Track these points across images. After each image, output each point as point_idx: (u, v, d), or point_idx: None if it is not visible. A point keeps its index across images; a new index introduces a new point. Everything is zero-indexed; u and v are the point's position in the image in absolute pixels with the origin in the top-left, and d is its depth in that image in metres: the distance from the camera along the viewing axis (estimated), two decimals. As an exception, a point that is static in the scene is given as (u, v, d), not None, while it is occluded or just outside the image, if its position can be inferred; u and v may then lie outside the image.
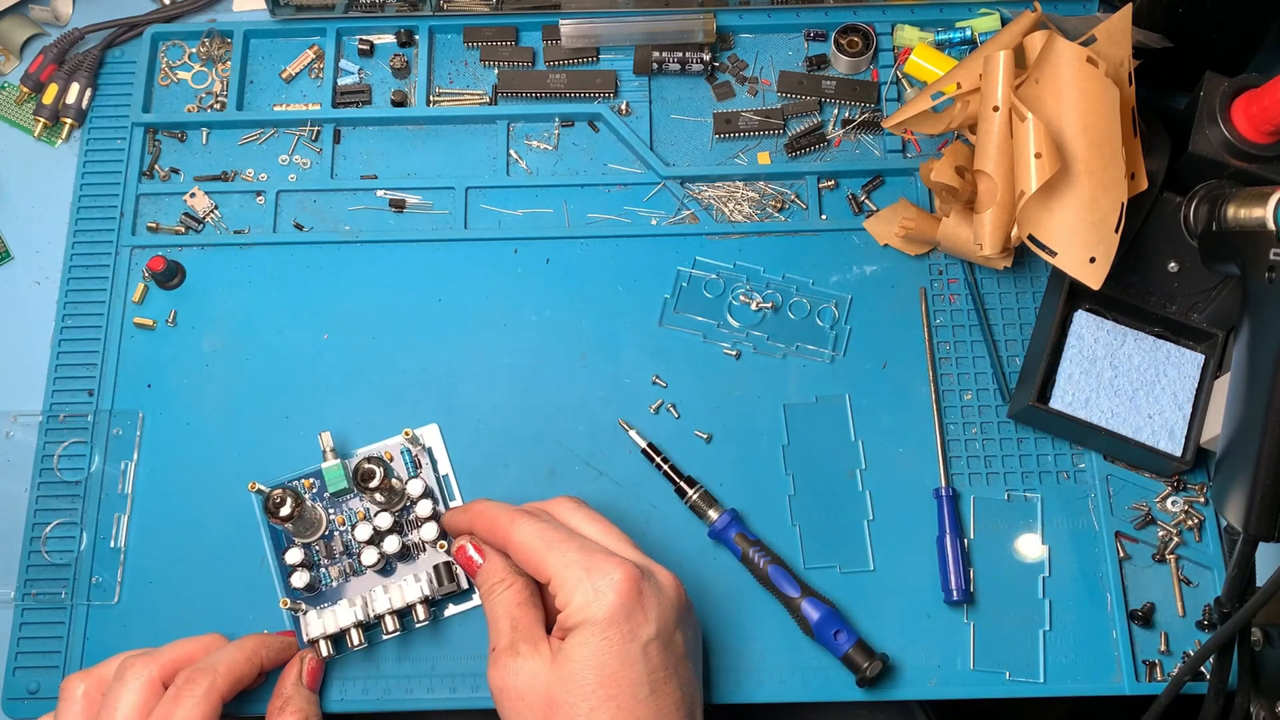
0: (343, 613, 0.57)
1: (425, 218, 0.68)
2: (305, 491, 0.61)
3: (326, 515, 0.61)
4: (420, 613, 0.58)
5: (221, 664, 0.53)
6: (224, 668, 0.53)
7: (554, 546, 0.52)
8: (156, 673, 0.53)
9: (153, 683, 0.53)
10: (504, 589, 0.54)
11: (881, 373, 0.64)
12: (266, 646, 0.56)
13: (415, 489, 0.60)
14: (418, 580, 0.58)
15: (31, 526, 0.62)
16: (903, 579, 0.61)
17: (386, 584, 0.59)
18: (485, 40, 0.72)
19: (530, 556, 0.52)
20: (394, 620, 0.58)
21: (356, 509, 0.61)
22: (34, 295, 0.67)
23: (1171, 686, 0.56)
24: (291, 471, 0.62)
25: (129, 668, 0.53)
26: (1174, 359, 0.62)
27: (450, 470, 0.62)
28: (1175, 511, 0.62)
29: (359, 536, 0.59)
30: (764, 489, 0.62)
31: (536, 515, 0.54)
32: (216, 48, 0.72)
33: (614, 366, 0.65)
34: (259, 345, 0.65)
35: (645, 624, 0.50)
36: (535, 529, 0.53)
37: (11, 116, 0.71)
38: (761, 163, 0.69)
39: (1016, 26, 0.61)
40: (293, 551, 0.59)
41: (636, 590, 0.50)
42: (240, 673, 0.54)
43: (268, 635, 0.57)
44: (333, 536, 0.60)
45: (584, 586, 0.50)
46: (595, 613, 0.50)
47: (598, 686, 0.49)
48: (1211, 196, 0.59)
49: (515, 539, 0.53)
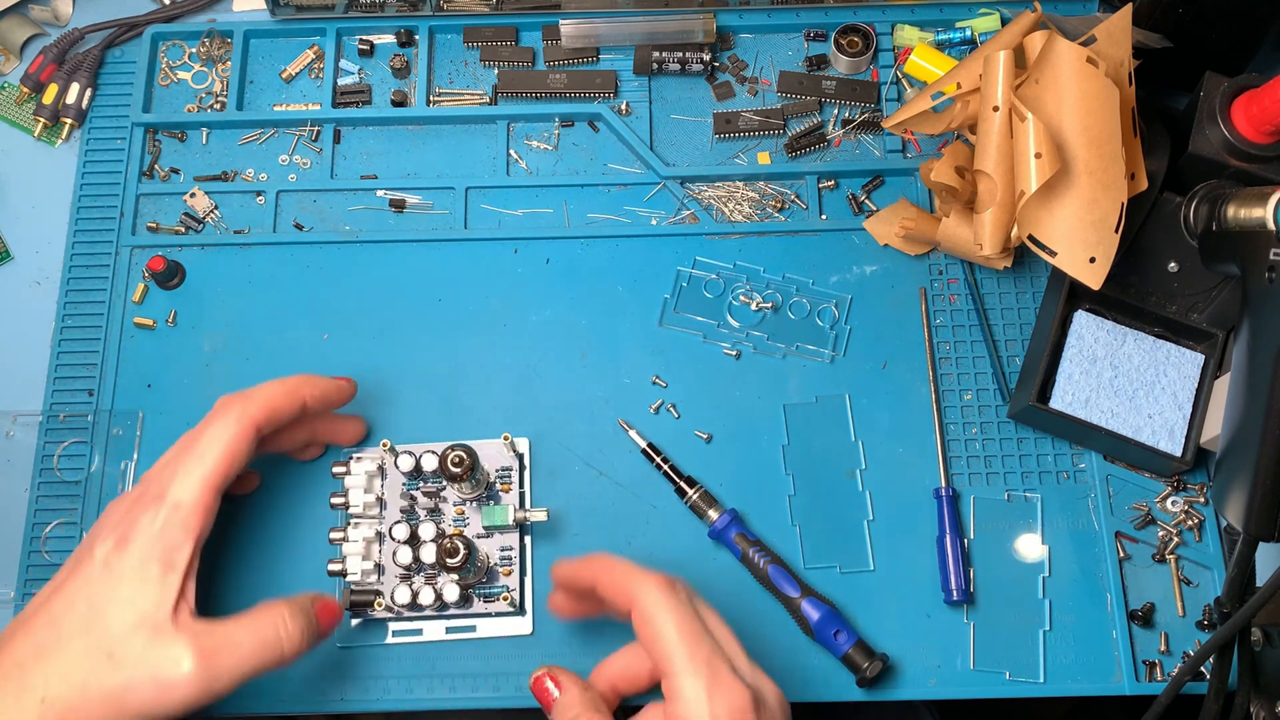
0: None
1: (425, 218, 0.68)
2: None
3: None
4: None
5: (259, 393, 0.54)
6: (261, 397, 0.54)
7: (683, 641, 0.47)
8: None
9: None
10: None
11: (881, 373, 0.64)
12: (310, 383, 0.57)
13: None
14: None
15: (31, 526, 0.62)
16: (903, 579, 0.61)
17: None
18: (485, 40, 0.72)
19: (654, 637, 0.48)
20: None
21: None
22: (34, 295, 0.67)
23: (1171, 686, 0.56)
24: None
25: (222, 407, 0.54)
26: (1174, 359, 0.62)
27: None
28: (1175, 511, 0.62)
29: (423, 535, 0.58)
30: (764, 489, 0.62)
31: (671, 586, 0.49)
32: (216, 48, 0.72)
33: (614, 366, 0.65)
34: (259, 345, 0.65)
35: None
36: (669, 606, 0.48)
37: (11, 116, 0.71)
38: (761, 163, 0.69)
39: (1016, 26, 0.61)
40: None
41: (753, 718, 0.47)
42: (277, 404, 0.55)
43: (314, 376, 0.57)
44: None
45: (702, 710, 0.46)
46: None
47: None
48: (1211, 196, 0.59)
49: (645, 607, 0.48)
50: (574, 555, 0.61)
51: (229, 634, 0.51)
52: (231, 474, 0.53)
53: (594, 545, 0.61)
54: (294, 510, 0.62)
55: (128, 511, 0.51)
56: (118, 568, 0.50)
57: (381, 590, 0.59)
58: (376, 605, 0.58)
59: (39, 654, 0.48)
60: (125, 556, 0.50)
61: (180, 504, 0.51)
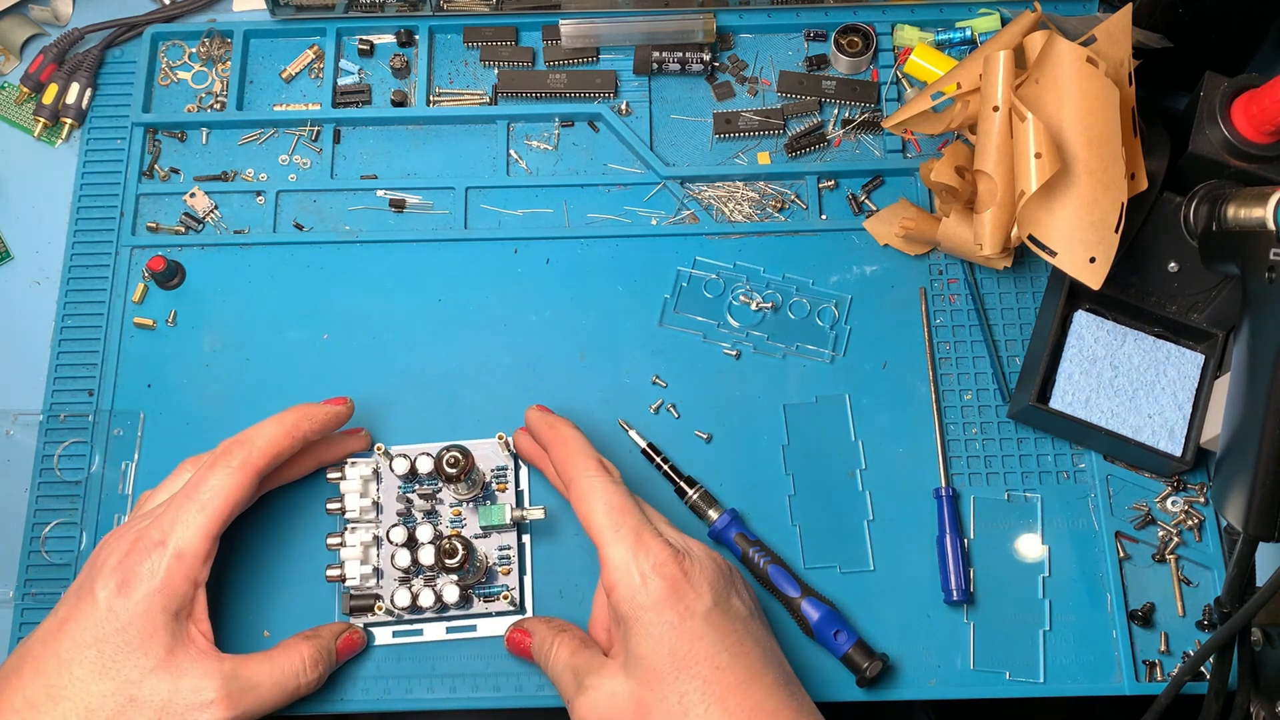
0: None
1: (425, 218, 0.68)
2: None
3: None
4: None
5: (260, 438, 0.55)
6: (262, 441, 0.55)
7: (611, 515, 0.52)
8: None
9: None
10: (554, 649, 0.54)
11: (881, 373, 0.64)
12: (309, 419, 0.57)
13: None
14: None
15: (31, 526, 0.62)
16: (903, 579, 0.61)
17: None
18: (485, 40, 0.72)
19: (587, 514, 0.53)
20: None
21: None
22: (34, 295, 0.67)
23: (1171, 686, 0.56)
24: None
25: (220, 453, 0.55)
26: (1174, 359, 0.62)
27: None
28: (1175, 511, 0.62)
29: (422, 537, 0.58)
30: (764, 489, 0.62)
31: (604, 468, 0.55)
32: (216, 48, 0.72)
33: (614, 366, 0.65)
34: (259, 345, 0.65)
35: (697, 597, 0.50)
36: (601, 485, 0.53)
37: (11, 116, 0.71)
38: (761, 163, 0.69)
39: (1016, 26, 0.61)
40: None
41: (679, 568, 0.51)
42: (279, 447, 0.55)
43: (311, 406, 0.57)
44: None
45: (630, 570, 0.50)
46: (645, 599, 0.50)
47: (676, 671, 0.49)
48: (1211, 196, 0.59)
49: (580, 487, 0.54)
50: (571, 554, 0.61)
51: (252, 675, 0.53)
52: (231, 519, 0.54)
53: (593, 547, 0.61)
54: (291, 516, 0.61)
55: (128, 554, 0.52)
56: (124, 614, 0.50)
57: (381, 594, 0.59)
58: (377, 609, 0.58)
59: (52, 696, 0.49)
60: (129, 603, 0.51)
61: (183, 554, 0.52)
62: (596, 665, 0.52)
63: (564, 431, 0.57)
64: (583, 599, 0.60)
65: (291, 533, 0.61)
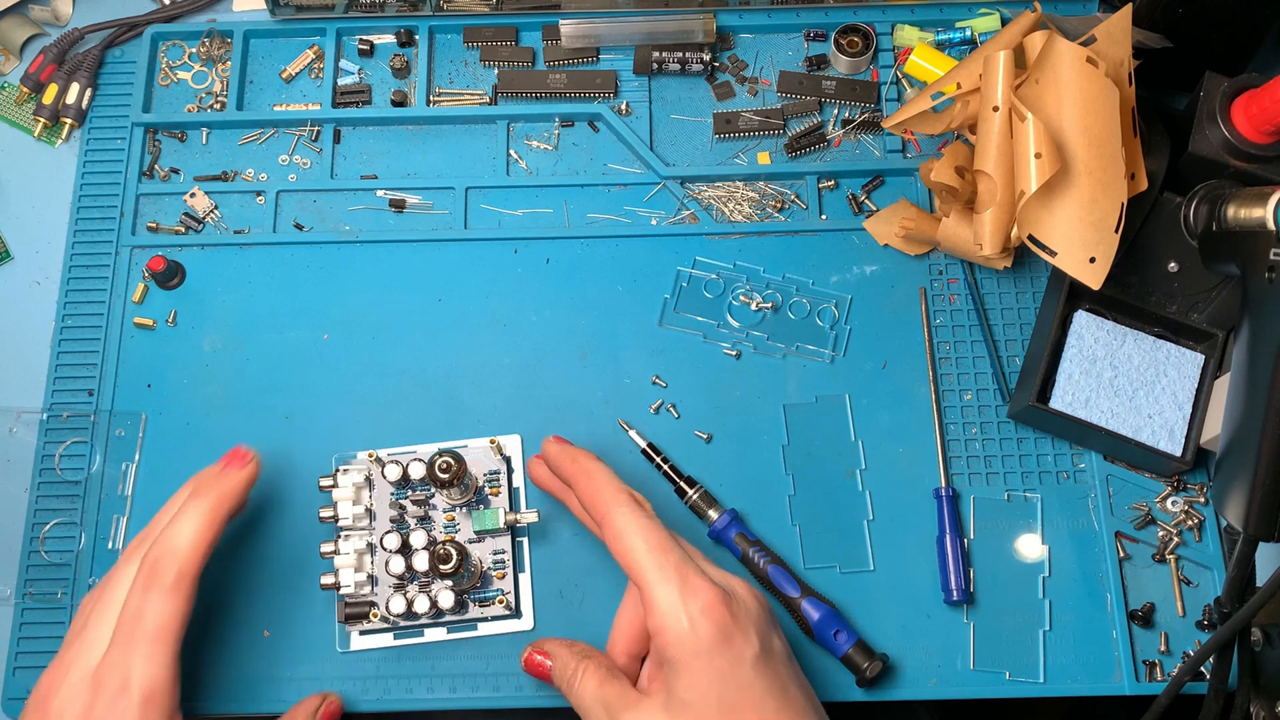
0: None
1: (425, 218, 0.68)
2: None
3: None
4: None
5: (182, 542, 0.51)
6: (187, 546, 0.51)
7: (652, 554, 0.50)
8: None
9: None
10: (580, 678, 0.52)
11: (881, 373, 0.64)
12: (226, 498, 0.53)
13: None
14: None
15: (31, 526, 0.62)
16: (903, 579, 0.61)
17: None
18: (485, 40, 0.72)
19: (625, 553, 0.50)
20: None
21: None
22: (34, 295, 0.67)
23: (1171, 686, 0.56)
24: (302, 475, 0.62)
25: (126, 558, 0.52)
26: (1174, 359, 0.62)
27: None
28: (1175, 511, 0.62)
29: (415, 543, 0.58)
30: (764, 489, 0.62)
31: (638, 503, 0.52)
32: (216, 48, 0.72)
33: (614, 366, 0.65)
34: (259, 345, 0.65)
35: (746, 643, 0.48)
36: (636, 522, 0.51)
37: (11, 116, 0.71)
38: (761, 163, 0.69)
39: (1016, 26, 0.61)
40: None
41: (728, 611, 0.48)
42: (207, 542, 0.52)
43: (221, 480, 0.54)
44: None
45: (679, 613, 0.48)
46: (696, 644, 0.48)
47: (723, 719, 0.47)
48: (1211, 196, 0.59)
49: (615, 525, 0.51)
50: (570, 555, 0.61)
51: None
52: (184, 631, 0.51)
53: (592, 546, 0.61)
54: (284, 526, 0.61)
55: (90, 708, 0.49)
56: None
57: (376, 601, 0.58)
58: (372, 616, 0.58)
59: None
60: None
61: (153, 694, 0.49)
62: (631, 701, 0.50)
63: (588, 465, 0.54)
64: (583, 599, 0.60)
65: (284, 542, 0.61)
